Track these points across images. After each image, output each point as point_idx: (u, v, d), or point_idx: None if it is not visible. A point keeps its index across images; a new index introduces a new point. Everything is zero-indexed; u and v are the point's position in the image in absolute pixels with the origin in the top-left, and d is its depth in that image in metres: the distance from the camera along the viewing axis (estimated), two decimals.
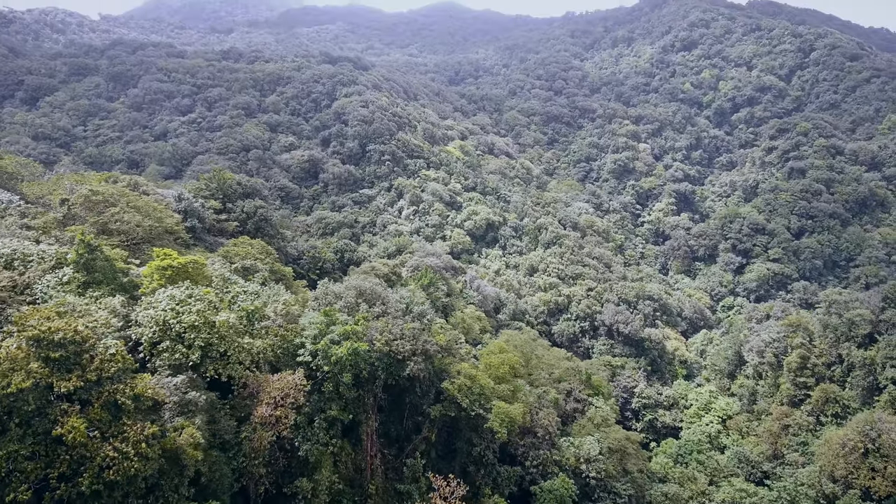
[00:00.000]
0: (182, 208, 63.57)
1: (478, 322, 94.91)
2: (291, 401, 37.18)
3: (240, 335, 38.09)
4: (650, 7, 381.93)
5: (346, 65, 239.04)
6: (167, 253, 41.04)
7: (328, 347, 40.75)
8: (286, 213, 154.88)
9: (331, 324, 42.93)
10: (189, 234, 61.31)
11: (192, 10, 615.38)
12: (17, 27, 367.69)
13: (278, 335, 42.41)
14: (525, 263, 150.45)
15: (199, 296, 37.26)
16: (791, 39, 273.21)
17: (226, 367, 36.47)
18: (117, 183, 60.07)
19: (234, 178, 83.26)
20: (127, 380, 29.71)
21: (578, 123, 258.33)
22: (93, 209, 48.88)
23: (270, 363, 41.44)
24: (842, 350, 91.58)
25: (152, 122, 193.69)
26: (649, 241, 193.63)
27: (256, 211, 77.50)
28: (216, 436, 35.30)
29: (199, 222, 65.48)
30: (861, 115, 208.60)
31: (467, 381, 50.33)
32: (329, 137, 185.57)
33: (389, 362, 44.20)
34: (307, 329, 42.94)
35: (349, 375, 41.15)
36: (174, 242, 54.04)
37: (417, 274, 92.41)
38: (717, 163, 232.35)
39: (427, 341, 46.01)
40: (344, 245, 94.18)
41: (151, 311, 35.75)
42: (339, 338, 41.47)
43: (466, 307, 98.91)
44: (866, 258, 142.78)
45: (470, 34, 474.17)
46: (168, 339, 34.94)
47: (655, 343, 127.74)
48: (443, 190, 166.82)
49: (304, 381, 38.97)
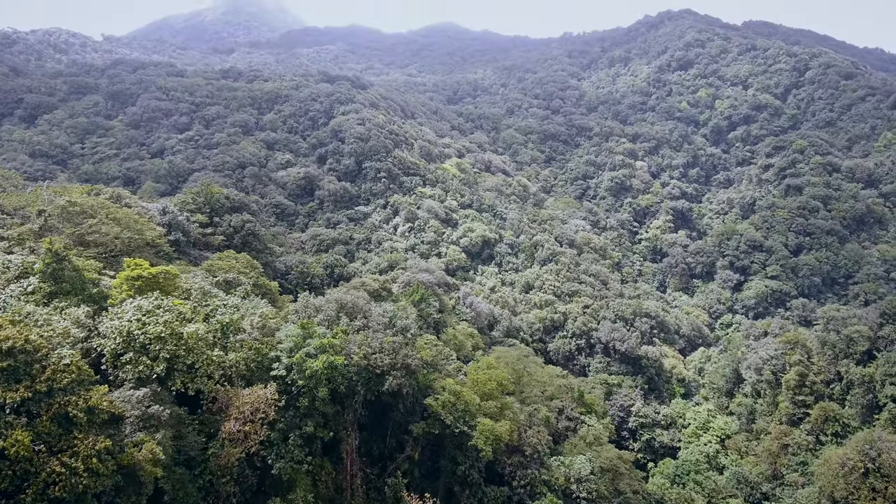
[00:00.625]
0: (166, 221, 62.79)
1: (470, 339, 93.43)
2: (262, 416, 35.86)
3: (209, 347, 36.90)
4: (646, 28, 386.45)
5: (343, 83, 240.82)
6: (138, 263, 40.08)
7: (303, 361, 39.51)
8: (281, 230, 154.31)
9: (307, 337, 41.73)
10: (173, 248, 60.45)
11: (194, 32, 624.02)
12: (21, 47, 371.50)
13: (253, 348, 41.21)
14: (521, 280, 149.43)
15: (167, 307, 36.18)
16: (786, 59, 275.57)
17: (193, 381, 35.20)
18: (100, 195, 59.46)
19: (221, 193, 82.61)
20: (81, 392, 28.45)
21: (575, 142, 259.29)
22: (70, 220, 48.09)
23: (244, 377, 40.21)
24: (840, 367, 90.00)
25: (150, 140, 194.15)
26: (647, 259, 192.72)
27: (244, 225, 76.73)
28: (181, 452, 33.94)
29: (183, 236, 64.66)
30: (857, 132, 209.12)
31: (451, 398, 48.92)
32: (325, 155, 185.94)
33: (368, 377, 42.88)
34: (283, 342, 41.80)
35: (325, 390, 39.82)
36: (155, 255, 53.12)
37: (409, 290, 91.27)
38: (715, 180, 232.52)
39: (408, 355, 44.73)
40: (334, 260, 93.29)
41: (116, 322, 34.68)
42: (315, 351, 40.22)
43: (459, 324, 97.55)
44: (865, 275, 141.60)
45: (469, 55, 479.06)
46: (132, 350, 33.80)
47: (653, 361, 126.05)
48: (438, 207, 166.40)
49: (276, 396, 37.64)
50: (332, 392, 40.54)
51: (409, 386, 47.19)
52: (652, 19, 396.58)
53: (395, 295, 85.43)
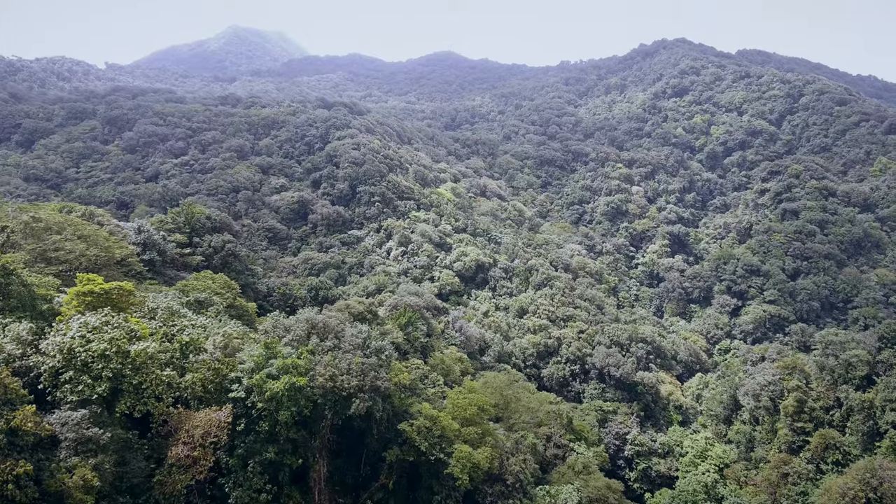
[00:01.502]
0: (141, 240, 61.45)
1: (458, 363, 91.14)
2: (213, 440, 33.81)
3: (160, 367, 35.03)
4: (641, 56, 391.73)
5: (340, 109, 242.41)
6: (90, 278, 38.51)
7: (263, 382, 37.59)
8: (273, 254, 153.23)
9: (271, 357, 39.85)
10: (147, 267, 58.97)
11: (198, 61, 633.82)
12: (24, 75, 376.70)
13: (212, 369, 39.31)
14: (515, 305, 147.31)
15: (116, 323, 34.46)
16: (780, 85, 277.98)
17: (140, 402, 33.24)
18: (71, 213, 58.24)
19: (203, 213, 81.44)
20: (5, 412, 26.59)
21: (572, 167, 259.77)
22: (34, 236, 46.73)
23: (201, 399, 38.22)
24: (840, 393, 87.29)
25: (145, 165, 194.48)
26: (643, 284, 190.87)
27: (224, 245, 75.31)
28: (125, 479, 31.82)
29: (158, 255, 63.20)
30: (852, 157, 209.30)
31: (427, 423, 46.68)
32: (320, 179, 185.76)
33: (335, 400, 40.83)
34: (244, 363, 39.90)
35: (287, 413, 37.75)
36: (124, 274, 51.58)
37: (396, 313, 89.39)
38: (711, 205, 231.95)
39: (378, 377, 42.70)
40: (319, 283, 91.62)
41: (58, 339, 32.93)
42: (277, 372, 38.31)
43: (447, 348, 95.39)
44: (864, 299, 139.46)
45: (467, 82, 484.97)
46: (72, 368, 31.98)
47: (649, 387, 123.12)
48: (432, 231, 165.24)
49: (229, 419, 35.60)
50: (296, 416, 38.48)
51: (382, 410, 45.07)
52: (647, 48, 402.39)
53: (380, 318, 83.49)
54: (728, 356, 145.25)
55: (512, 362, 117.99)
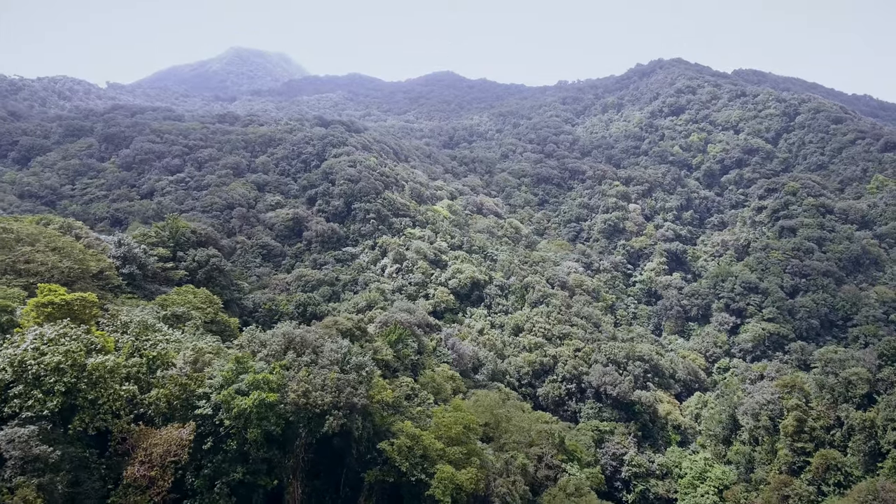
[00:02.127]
0: (121, 254, 60.19)
1: (450, 382, 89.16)
2: (172, 459, 32.11)
3: (120, 381, 33.46)
4: (638, 76, 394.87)
5: (337, 127, 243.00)
6: (52, 289, 37.16)
7: (231, 398, 35.96)
8: (266, 271, 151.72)
9: (241, 372, 38.28)
10: (126, 281, 57.61)
11: (199, 81, 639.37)
12: (26, 94, 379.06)
13: (179, 384, 37.71)
14: (510, 323, 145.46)
15: (74, 335, 33.00)
16: (776, 104, 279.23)
17: (95, 418, 31.62)
18: (49, 225, 57.08)
19: (188, 227, 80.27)
20: None
21: (569, 185, 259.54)
22: (5, 247, 45.48)
23: (165, 416, 36.56)
24: (840, 412, 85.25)
25: (140, 182, 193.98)
26: (641, 302, 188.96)
27: (209, 260, 73.99)
28: (76, 500, 30.07)
29: (139, 269, 61.87)
30: (848, 175, 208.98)
31: (408, 442, 44.84)
32: (315, 196, 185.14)
33: (309, 417, 39.14)
34: (213, 378, 38.31)
35: (256, 431, 36.08)
36: (100, 287, 50.20)
37: (386, 330, 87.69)
38: (709, 223, 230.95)
39: (355, 393, 41.01)
40: (307, 299, 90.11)
41: (10, 351, 31.44)
42: (247, 387, 36.72)
43: (439, 366, 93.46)
44: (863, 317, 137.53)
45: (466, 102, 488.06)
46: (23, 382, 30.43)
47: (646, 406, 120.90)
48: (427, 248, 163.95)
49: (191, 437, 33.92)
50: (266, 434, 36.78)
51: (362, 428, 43.29)
52: (644, 67, 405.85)
53: (369, 335, 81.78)
54: (727, 375, 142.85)
55: (506, 381, 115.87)
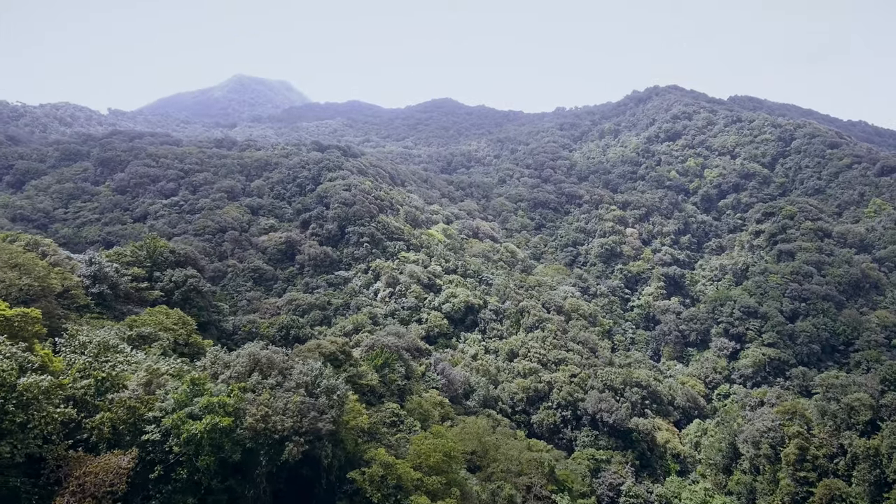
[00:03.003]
0: (91, 273, 58.21)
1: (438, 408, 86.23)
2: (108, 490, 29.57)
3: (57, 403, 31.12)
4: (635, 102, 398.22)
5: (333, 152, 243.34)
6: None
7: (181, 423, 33.55)
8: (257, 295, 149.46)
9: (196, 394, 35.93)
10: (95, 301, 55.52)
11: (201, 108, 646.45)
12: (27, 120, 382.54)
13: (128, 407, 35.30)
14: (505, 348, 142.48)
15: (7, 352, 30.81)
16: (771, 129, 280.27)
17: (24, 444, 29.21)
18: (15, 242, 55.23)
19: (167, 246, 78.42)
20: None
21: (565, 209, 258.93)
22: None
23: (109, 441, 34.07)
24: (843, 439, 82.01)
25: (134, 205, 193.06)
26: (640, 327, 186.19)
27: (186, 280, 71.94)
28: None
29: (109, 289, 59.86)
30: (846, 199, 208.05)
31: (381, 471, 42.15)
32: (309, 219, 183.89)
33: (269, 443, 36.59)
34: (164, 401, 35.92)
35: (209, 459, 33.57)
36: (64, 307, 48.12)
37: (372, 353, 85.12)
38: (707, 247, 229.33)
39: (320, 418, 38.53)
40: (290, 321, 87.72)
41: None
42: (200, 411, 34.33)
43: (427, 391, 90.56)
44: (865, 342, 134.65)
45: (464, 128, 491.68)
46: None
47: (644, 434, 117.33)
48: (421, 272, 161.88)
49: (130, 465, 31.41)
50: (223, 462, 34.25)
51: (332, 456, 40.70)
52: (640, 94, 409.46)
53: (354, 359, 79.20)
54: (727, 401, 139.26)
55: (499, 407, 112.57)
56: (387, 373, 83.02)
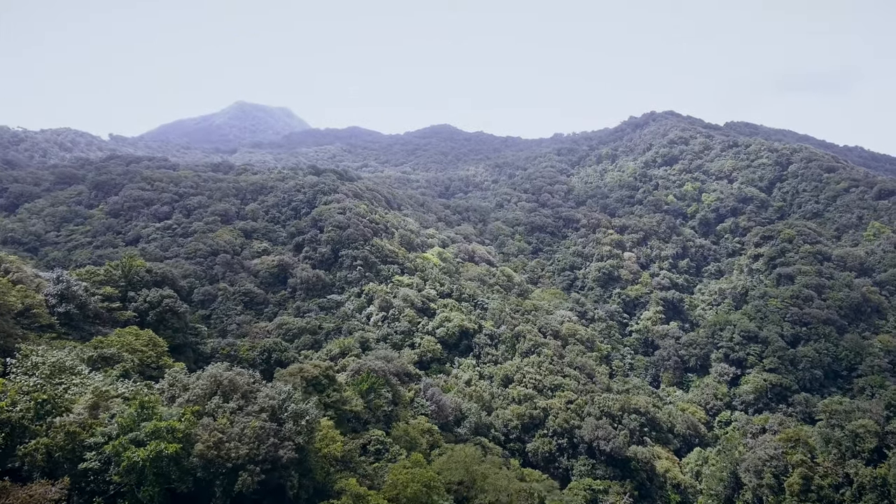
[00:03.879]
0: (58, 291, 55.99)
1: (426, 435, 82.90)
2: None
3: None
4: (632, 128, 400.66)
5: (329, 175, 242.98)
6: None
7: (123, 449, 30.88)
8: (247, 319, 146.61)
9: (144, 418, 33.33)
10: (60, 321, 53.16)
11: (202, 134, 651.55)
12: (27, 145, 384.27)
13: (69, 432, 32.69)
14: (500, 373, 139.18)
15: None
16: (768, 154, 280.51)
17: None
18: None
19: (143, 265, 76.26)
20: None
21: (563, 233, 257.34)
22: None
23: (43, 470, 31.38)
24: (849, 468, 78.46)
25: (126, 228, 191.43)
26: (638, 352, 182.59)
27: (161, 301, 69.60)
28: None
29: (77, 308, 57.54)
30: (844, 222, 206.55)
31: (350, 502, 39.23)
32: (302, 243, 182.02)
33: (223, 472, 33.79)
34: (107, 425, 33.28)
35: (152, 489, 30.85)
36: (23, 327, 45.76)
37: (357, 378, 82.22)
38: (706, 271, 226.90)
39: (280, 445, 35.83)
40: (273, 345, 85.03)
41: None
42: (146, 437, 31.70)
43: (415, 418, 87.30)
44: (868, 367, 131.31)
45: (462, 154, 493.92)
46: None
47: (643, 463, 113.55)
48: (415, 296, 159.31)
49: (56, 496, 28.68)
50: (171, 493, 31.52)
51: (298, 486, 37.79)
52: (637, 120, 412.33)
53: (338, 384, 76.31)
54: (729, 429, 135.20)
55: (491, 435, 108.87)
56: (372, 398, 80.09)
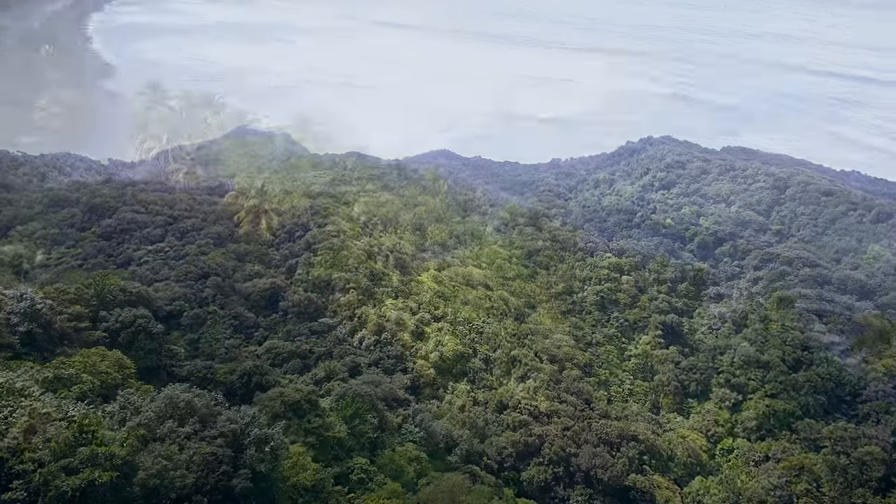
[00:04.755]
0: (20, 310, 53.65)
1: (414, 463, 79.50)
2: None
3: None
4: (629, 153, 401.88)
5: (325, 199, 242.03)
6: None
7: (52, 478, 28.13)
8: (236, 343, 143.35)
9: (82, 443, 30.61)
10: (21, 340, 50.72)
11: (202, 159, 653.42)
12: (26, 169, 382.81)
13: None
14: (495, 399, 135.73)
15: None
16: (765, 178, 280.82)
17: None
18: None
19: (117, 284, 74.06)
20: None
21: (560, 257, 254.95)
22: None
23: None
24: (856, 499, 74.86)
25: (118, 251, 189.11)
26: (637, 377, 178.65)
27: (134, 321, 67.22)
28: None
29: (40, 328, 55.12)
30: (843, 245, 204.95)
31: None
32: (295, 265, 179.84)
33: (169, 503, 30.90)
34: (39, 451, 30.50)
35: None
36: None
37: (342, 403, 79.14)
38: (705, 295, 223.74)
39: (234, 474, 32.99)
40: (253, 367, 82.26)
41: None
42: (80, 464, 28.95)
43: (403, 445, 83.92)
44: (873, 392, 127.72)
45: (460, 179, 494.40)
46: None
47: (642, 493, 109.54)
48: (409, 319, 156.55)
49: None
50: None
51: None
52: (634, 145, 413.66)
53: (321, 409, 73.27)
54: (731, 457, 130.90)
55: (483, 463, 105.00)
56: (357, 424, 76.89)
